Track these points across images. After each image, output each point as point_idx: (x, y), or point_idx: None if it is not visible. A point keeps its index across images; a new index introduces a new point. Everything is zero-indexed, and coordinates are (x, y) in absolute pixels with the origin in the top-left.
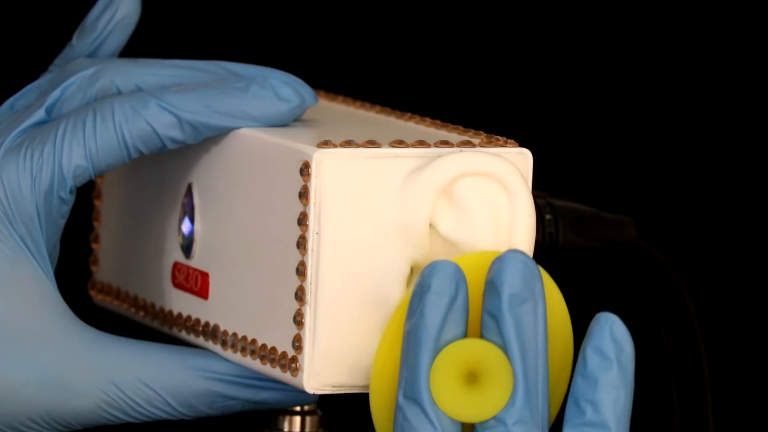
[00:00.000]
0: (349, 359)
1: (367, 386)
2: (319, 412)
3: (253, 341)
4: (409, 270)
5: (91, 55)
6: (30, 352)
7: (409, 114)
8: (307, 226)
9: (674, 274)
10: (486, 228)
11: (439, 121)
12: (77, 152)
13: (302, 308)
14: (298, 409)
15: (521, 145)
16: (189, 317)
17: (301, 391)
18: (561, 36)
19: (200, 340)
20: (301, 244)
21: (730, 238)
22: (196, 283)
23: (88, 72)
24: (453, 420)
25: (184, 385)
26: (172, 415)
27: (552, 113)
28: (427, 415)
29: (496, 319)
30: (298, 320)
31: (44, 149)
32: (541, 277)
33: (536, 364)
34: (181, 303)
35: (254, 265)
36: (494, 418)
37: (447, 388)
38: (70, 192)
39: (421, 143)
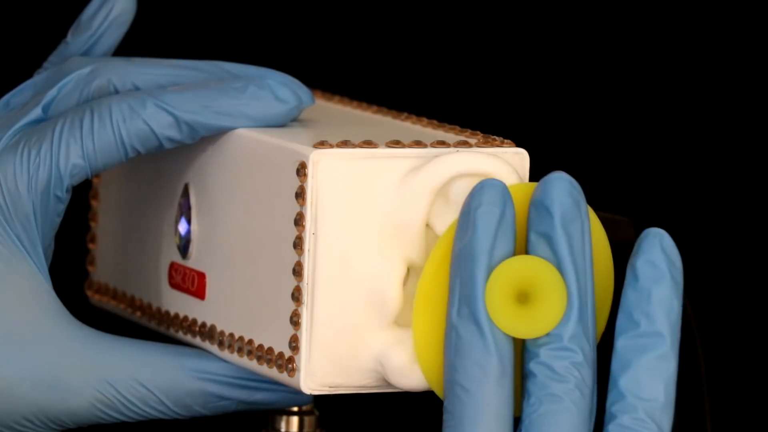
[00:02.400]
0: (345, 359)
1: (364, 386)
2: (317, 413)
3: (250, 342)
4: (405, 270)
5: (86, 52)
6: (25, 350)
7: (405, 114)
8: (303, 226)
9: None
10: None
11: (435, 121)
12: (74, 151)
13: (299, 309)
14: (295, 409)
15: (518, 146)
16: (186, 317)
17: (297, 392)
18: (558, 36)
19: (197, 341)
20: (298, 244)
21: (728, 238)
22: (192, 284)
23: (85, 71)
24: (507, 337)
25: (178, 384)
26: (167, 415)
27: (548, 113)
28: (482, 332)
29: (548, 237)
30: (295, 321)
31: (41, 148)
32: (584, 197)
33: (586, 282)
34: (178, 303)
35: (251, 266)
36: (548, 334)
37: (503, 305)
38: (67, 191)
39: (418, 143)
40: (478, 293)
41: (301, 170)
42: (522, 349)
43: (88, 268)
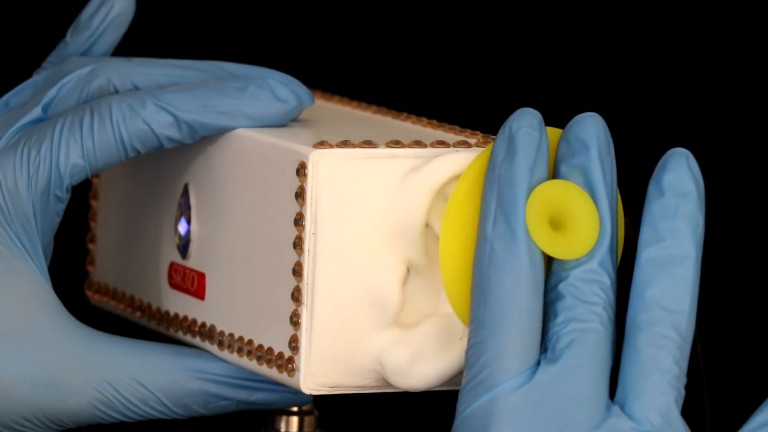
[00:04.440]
0: (345, 359)
1: (364, 386)
2: (316, 413)
3: (250, 342)
4: (405, 270)
5: (85, 53)
6: (24, 350)
7: (405, 114)
8: (303, 226)
9: None
10: None
11: (435, 121)
12: (74, 151)
13: (299, 309)
14: (295, 409)
15: None
16: (185, 318)
17: (297, 392)
18: (557, 36)
19: (197, 341)
20: (298, 244)
21: (727, 238)
22: (192, 284)
23: (85, 70)
24: (541, 253)
25: (178, 384)
26: (166, 415)
27: (547, 113)
28: (519, 245)
29: (584, 168)
30: (295, 321)
31: (41, 147)
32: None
33: (615, 216)
34: (178, 303)
35: (251, 266)
36: (579, 258)
37: (540, 224)
38: (67, 190)
39: (418, 143)
40: (519, 209)
41: (301, 170)
42: (548, 276)
43: (88, 268)
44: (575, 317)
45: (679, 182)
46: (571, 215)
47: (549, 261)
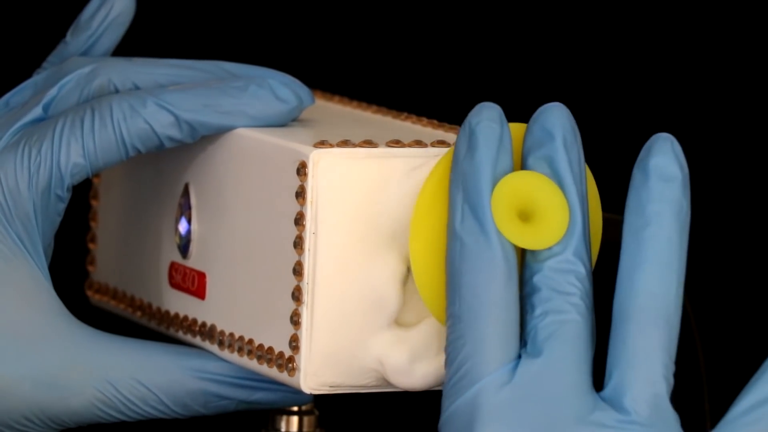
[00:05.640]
0: (346, 359)
1: (364, 386)
2: (316, 412)
3: (250, 341)
4: (405, 269)
5: (85, 53)
6: (25, 349)
7: (405, 114)
8: (303, 226)
9: None
10: None
11: (435, 121)
12: (75, 150)
13: (299, 308)
14: (295, 409)
15: None
16: (186, 317)
17: (297, 392)
18: (558, 36)
19: (197, 340)
20: (298, 243)
21: (727, 237)
22: (193, 283)
23: (85, 70)
24: (513, 247)
25: (178, 384)
26: (167, 414)
27: None
28: (489, 237)
29: (550, 158)
30: (295, 320)
31: (42, 147)
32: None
33: (584, 204)
34: (178, 303)
35: (251, 265)
36: (551, 248)
37: (507, 215)
38: (67, 190)
39: (418, 143)
40: (484, 201)
41: (302, 170)
42: (522, 270)
43: (88, 268)
44: (552, 309)
45: (664, 167)
46: (538, 205)
47: (523, 255)
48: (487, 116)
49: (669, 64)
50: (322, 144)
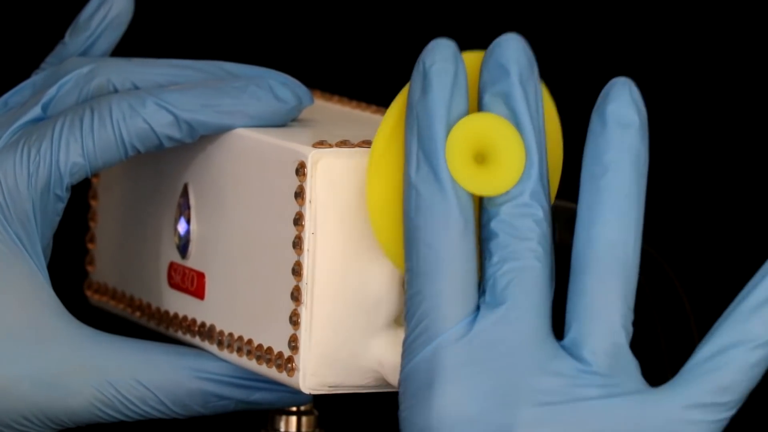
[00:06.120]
0: (345, 359)
1: (363, 386)
2: (316, 412)
3: (249, 341)
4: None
5: (84, 53)
6: (24, 349)
7: None
8: (303, 226)
9: (669, 273)
10: None
11: None
12: (74, 150)
13: (298, 308)
14: (294, 409)
15: None
16: (185, 317)
17: (296, 392)
18: (558, 36)
19: (196, 341)
20: (297, 244)
21: (727, 237)
22: (192, 283)
23: (84, 70)
24: (468, 193)
25: (178, 384)
26: (166, 414)
27: None
28: (443, 188)
29: (505, 95)
30: (294, 320)
31: (41, 146)
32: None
33: (542, 141)
34: (177, 303)
35: (250, 265)
36: (508, 192)
37: (463, 162)
38: (67, 189)
39: None
40: (438, 149)
41: (301, 170)
42: (480, 213)
43: (88, 268)
44: (510, 256)
45: (622, 112)
46: (493, 148)
47: (482, 197)
48: (441, 56)
49: (668, 64)
50: (321, 144)
